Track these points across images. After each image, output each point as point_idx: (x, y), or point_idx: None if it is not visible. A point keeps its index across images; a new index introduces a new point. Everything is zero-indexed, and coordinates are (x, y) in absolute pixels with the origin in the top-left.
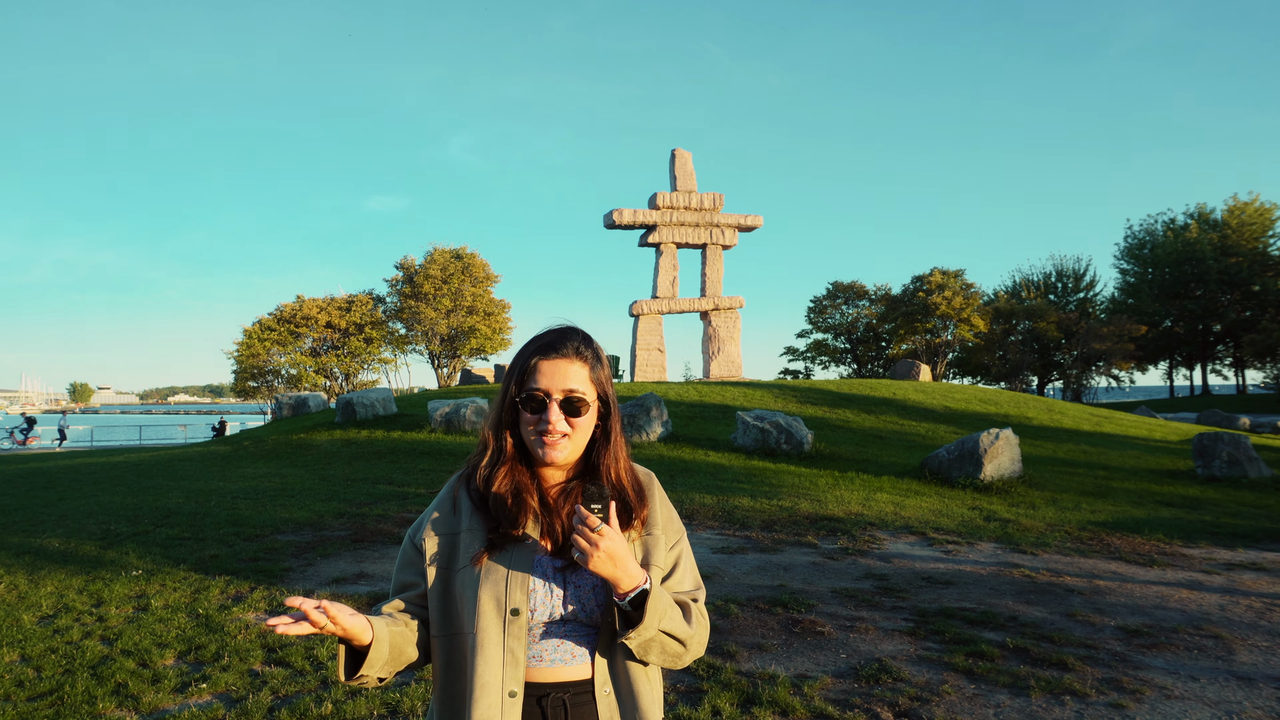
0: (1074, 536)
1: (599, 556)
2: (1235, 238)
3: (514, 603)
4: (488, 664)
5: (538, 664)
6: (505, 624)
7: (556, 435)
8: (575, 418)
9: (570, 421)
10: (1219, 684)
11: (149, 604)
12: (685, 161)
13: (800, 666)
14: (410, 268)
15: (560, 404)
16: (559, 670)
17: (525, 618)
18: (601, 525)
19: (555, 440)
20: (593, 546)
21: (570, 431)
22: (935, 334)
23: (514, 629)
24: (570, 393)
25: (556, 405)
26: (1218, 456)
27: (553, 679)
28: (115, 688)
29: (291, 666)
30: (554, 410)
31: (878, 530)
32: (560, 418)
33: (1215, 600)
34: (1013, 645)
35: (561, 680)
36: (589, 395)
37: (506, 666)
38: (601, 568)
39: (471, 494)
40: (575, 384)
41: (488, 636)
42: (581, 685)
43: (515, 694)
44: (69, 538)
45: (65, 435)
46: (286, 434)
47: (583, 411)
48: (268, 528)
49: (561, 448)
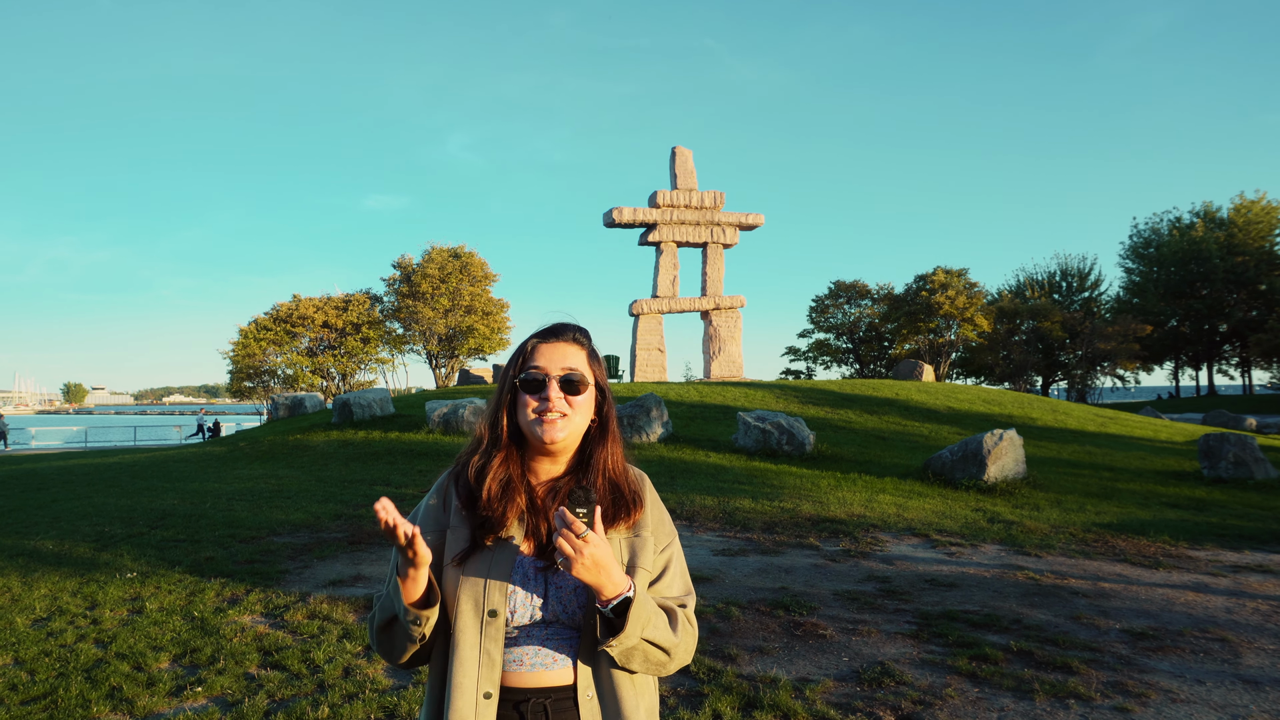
0: (1078, 538)
1: (582, 563)
2: (1242, 236)
3: (492, 604)
4: (462, 665)
5: (518, 668)
6: (482, 625)
7: (555, 414)
8: (574, 396)
9: (569, 400)
10: (1225, 687)
11: (144, 606)
12: (685, 159)
13: (802, 670)
14: (408, 267)
15: (559, 382)
16: (540, 675)
17: (503, 619)
18: (587, 531)
19: (554, 419)
20: (577, 553)
21: (568, 411)
22: (938, 334)
23: (491, 630)
24: (569, 370)
25: (556, 383)
26: (1224, 457)
27: (533, 684)
28: (109, 691)
29: (288, 670)
30: (553, 387)
31: (880, 532)
32: (559, 396)
33: (1221, 603)
34: (1017, 648)
35: (542, 685)
36: (588, 377)
37: (482, 668)
38: (585, 574)
39: (460, 491)
40: (574, 364)
41: (464, 637)
42: (563, 691)
43: (490, 695)
44: (63, 539)
45: (5, 437)
46: (283, 435)
47: (581, 390)
48: (264, 530)
49: (560, 427)
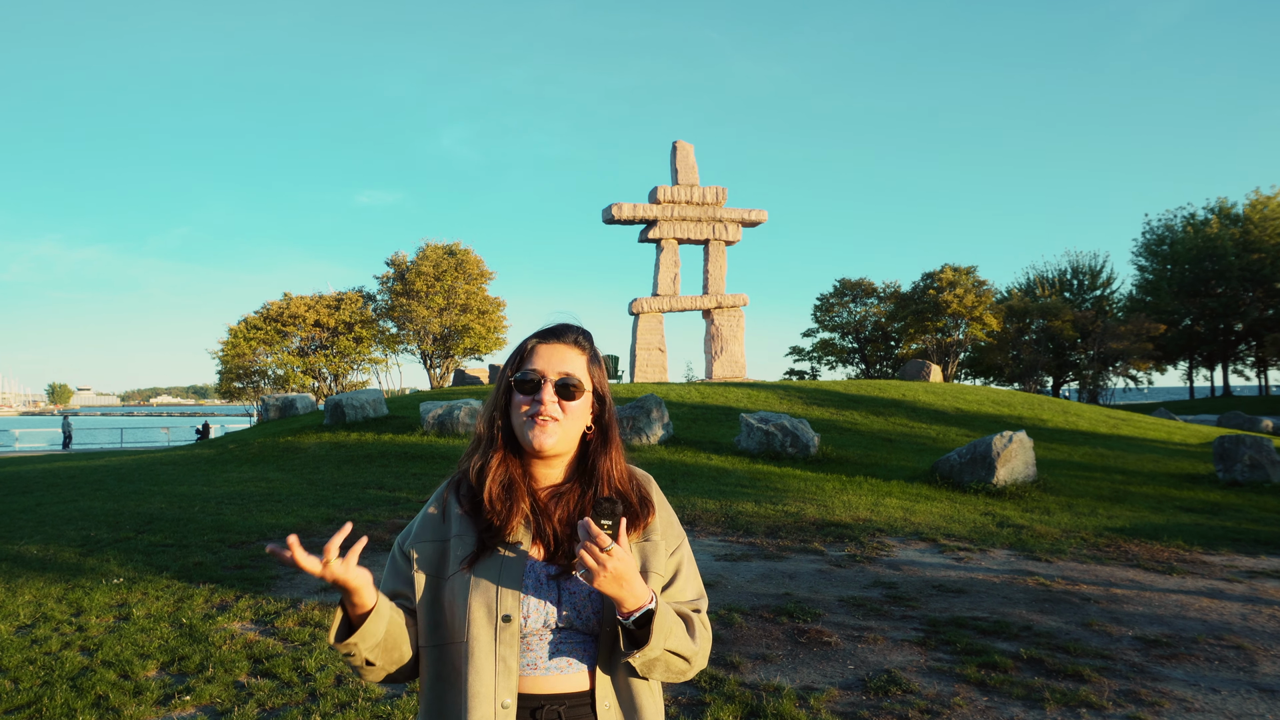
0: (1090, 543)
1: (605, 576)
2: (1258, 233)
3: (505, 609)
4: (479, 673)
5: (532, 673)
6: (496, 631)
7: (547, 418)
8: (568, 401)
9: (563, 405)
10: (1241, 696)
11: (130, 613)
12: (687, 154)
13: (806, 678)
14: (402, 264)
15: (555, 386)
16: (555, 680)
17: (517, 625)
18: (612, 545)
19: (545, 423)
20: (600, 566)
21: (561, 417)
22: (946, 333)
23: (505, 636)
24: (565, 374)
25: (551, 386)
26: (1239, 460)
27: (548, 689)
28: (95, 700)
29: (279, 678)
30: (548, 390)
31: (886, 536)
32: (553, 399)
33: (1237, 609)
34: (1027, 656)
35: (558, 691)
36: (584, 383)
37: (499, 676)
38: (607, 587)
39: (462, 499)
40: (571, 368)
41: (479, 645)
42: (579, 697)
43: (508, 704)
44: (47, 544)
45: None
46: (273, 437)
47: (576, 396)
48: (254, 534)
49: (550, 432)
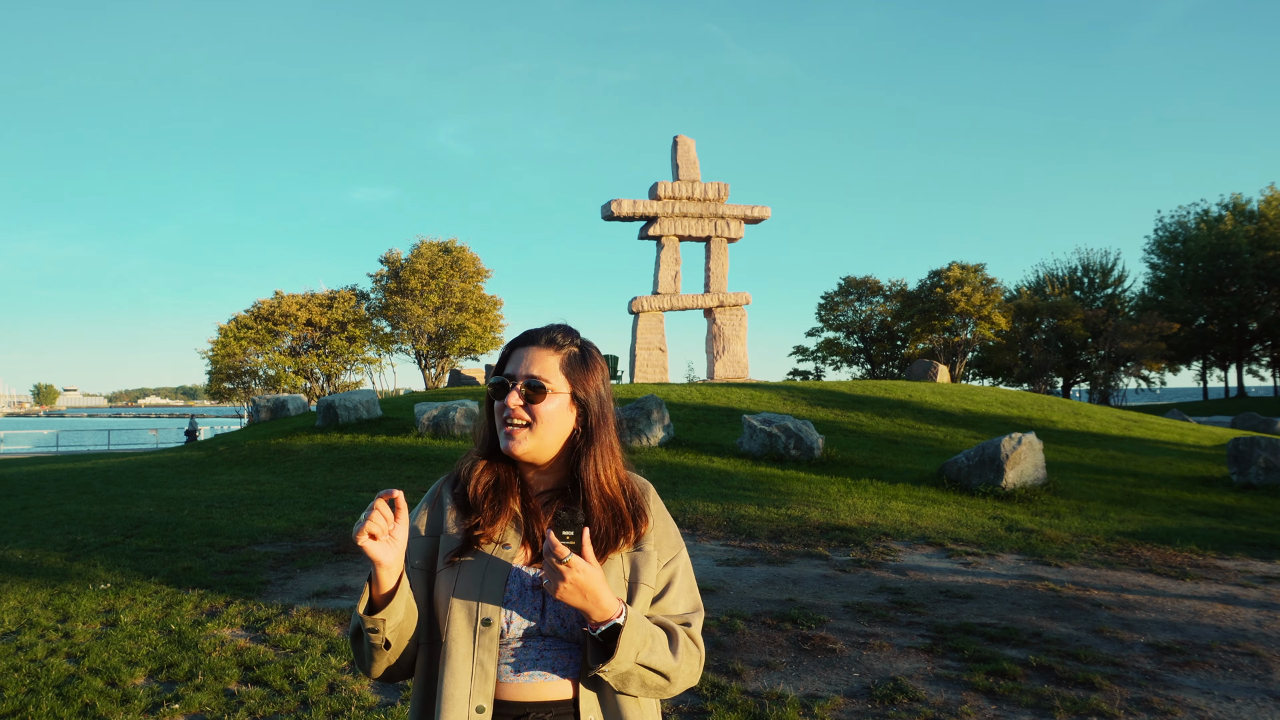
0: (1101, 547)
1: (565, 588)
2: (1273, 230)
3: (485, 613)
4: (454, 676)
5: (514, 679)
6: (475, 635)
7: (515, 423)
8: (534, 404)
9: (531, 409)
10: (1255, 704)
11: (118, 619)
12: (688, 149)
13: (810, 686)
14: (396, 262)
15: (519, 389)
16: (538, 687)
17: (497, 629)
18: (570, 556)
19: (513, 429)
20: (558, 578)
21: (531, 421)
22: (954, 332)
23: (484, 640)
24: (529, 377)
25: (516, 391)
26: (1254, 462)
27: (531, 697)
28: (82, 708)
29: (269, 686)
30: (513, 396)
31: (892, 541)
32: (519, 403)
33: (1251, 615)
34: (1036, 663)
35: (540, 699)
36: (554, 384)
37: (475, 680)
38: (569, 599)
39: (455, 495)
40: (538, 370)
41: (456, 647)
42: (562, 706)
43: (483, 709)
44: (33, 548)
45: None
46: (264, 438)
47: (539, 399)
48: (244, 538)
49: (520, 439)
